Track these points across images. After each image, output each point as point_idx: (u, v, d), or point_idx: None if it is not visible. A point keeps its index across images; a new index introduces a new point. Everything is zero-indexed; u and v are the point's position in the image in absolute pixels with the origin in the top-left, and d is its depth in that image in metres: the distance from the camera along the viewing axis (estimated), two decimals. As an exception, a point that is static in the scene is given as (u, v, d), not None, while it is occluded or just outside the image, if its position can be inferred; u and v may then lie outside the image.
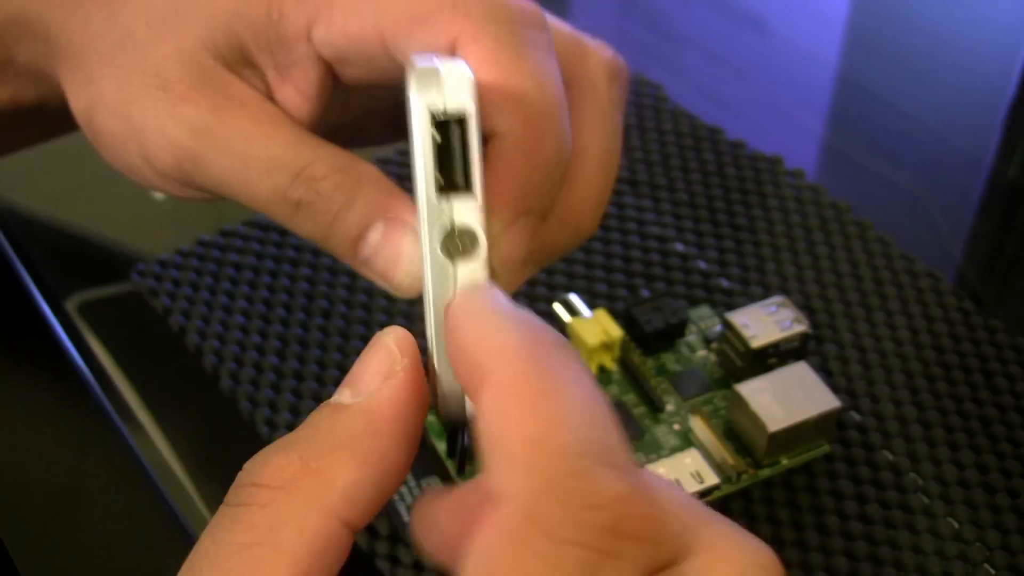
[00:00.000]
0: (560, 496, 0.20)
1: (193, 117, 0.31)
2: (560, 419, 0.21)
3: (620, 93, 0.34)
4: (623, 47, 0.36)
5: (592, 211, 0.33)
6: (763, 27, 0.59)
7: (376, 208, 0.30)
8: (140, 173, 0.33)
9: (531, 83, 0.28)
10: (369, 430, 0.24)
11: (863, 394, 0.40)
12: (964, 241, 0.48)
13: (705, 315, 0.42)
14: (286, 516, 0.22)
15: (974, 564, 0.35)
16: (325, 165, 0.30)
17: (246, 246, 0.44)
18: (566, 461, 0.20)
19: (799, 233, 0.46)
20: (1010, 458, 0.38)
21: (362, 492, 0.23)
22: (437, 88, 0.25)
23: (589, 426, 0.21)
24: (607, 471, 0.20)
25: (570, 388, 0.22)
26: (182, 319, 0.42)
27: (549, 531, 0.20)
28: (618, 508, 0.20)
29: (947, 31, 0.59)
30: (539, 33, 0.29)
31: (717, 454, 0.37)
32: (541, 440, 0.21)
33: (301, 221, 0.31)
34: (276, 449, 0.23)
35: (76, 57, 0.33)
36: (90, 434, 0.39)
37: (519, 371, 0.22)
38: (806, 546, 0.36)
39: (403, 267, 0.30)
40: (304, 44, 0.31)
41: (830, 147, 0.53)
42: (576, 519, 0.20)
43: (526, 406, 0.21)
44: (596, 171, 0.33)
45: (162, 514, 0.37)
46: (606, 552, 0.20)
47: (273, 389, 0.39)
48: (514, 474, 0.21)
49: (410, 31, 0.29)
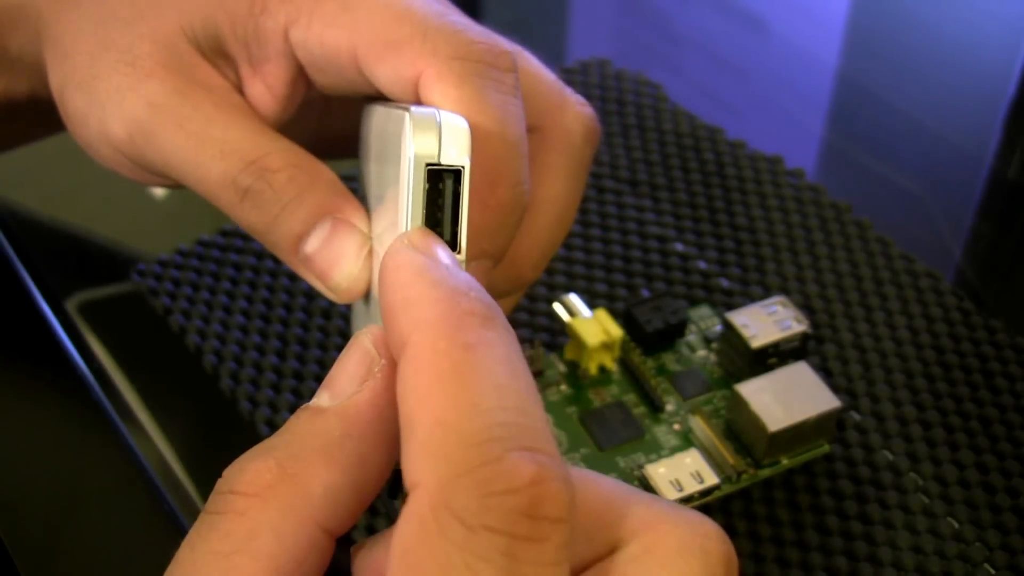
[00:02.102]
0: (471, 483, 0.19)
1: (153, 93, 0.31)
2: (473, 401, 0.20)
3: (591, 152, 0.34)
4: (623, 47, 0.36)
5: (537, 262, 0.33)
6: (763, 27, 0.59)
7: (324, 208, 0.30)
8: (96, 149, 0.33)
9: (491, 125, 0.28)
10: (346, 433, 0.23)
11: (863, 394, 0.40)
12: (964, 241, 0.48)
13: (705, 315, 0.42)
14: (263, 524, 0.22)
15: (974, 564, 0.35)
16: (281, 158, 0.30)
17: (246, 246, 0.44)
18: (477, 448, 0.20)
19: (799, 233, 0.46)
20: (1010, 458, 0.38)
21: (341, 497, 0.23)
22: (434, 139, 0.24)
23: (504, 408, 0.20)
24: (520, 455, 0.20)
25: (488, 366, 0.21)
26: (182, 319, 0.42)
27: (462, 519, 0.19)
28: (532, 491, 0.19)
29: (947, 31, 0.59)
30: (504, 75, 0.29)
31: (717, 454, 0.37)
32: (452, 424, 0.20)
33: (246, 210, 0.30)
34: (253, 455, 0.23)
35: (60, 36, 0.33)
36: (90, 434, 0.39)
37: (436, 347, 0.21)
38: (806, 546, 0.36)
39: (342, 269, 0.30)
40: (280, 41, 0.31)
41: (830, 147, 0.53)
42: (488, 505, 0.19)
43: (440, 386, 0.21)
44: (550, 223, 0.33)
45: (162, 514, 0.37)
46: (523, 536, 0.19)
47: (273, 389, 0.39)
48: (426, 461, 0.20)
49: (380, 55, 0.29)
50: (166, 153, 0.31)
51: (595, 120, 0.34)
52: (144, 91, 0.31)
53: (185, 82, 0.31)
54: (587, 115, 0.34)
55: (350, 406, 0.23)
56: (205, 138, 0.30)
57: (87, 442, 0.39)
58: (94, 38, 0.32)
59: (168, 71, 0.31)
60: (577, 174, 0.34)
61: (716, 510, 0.36)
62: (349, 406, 0.23)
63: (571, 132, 0.33)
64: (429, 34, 0.29)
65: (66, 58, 0.32)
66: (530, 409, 0.21)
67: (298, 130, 0.34)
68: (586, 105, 0.34)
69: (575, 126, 0.33)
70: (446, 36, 0.29)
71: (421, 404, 0.21)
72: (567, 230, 0.34)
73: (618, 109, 0.51)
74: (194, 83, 0.31)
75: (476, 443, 0.20)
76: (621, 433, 0.37)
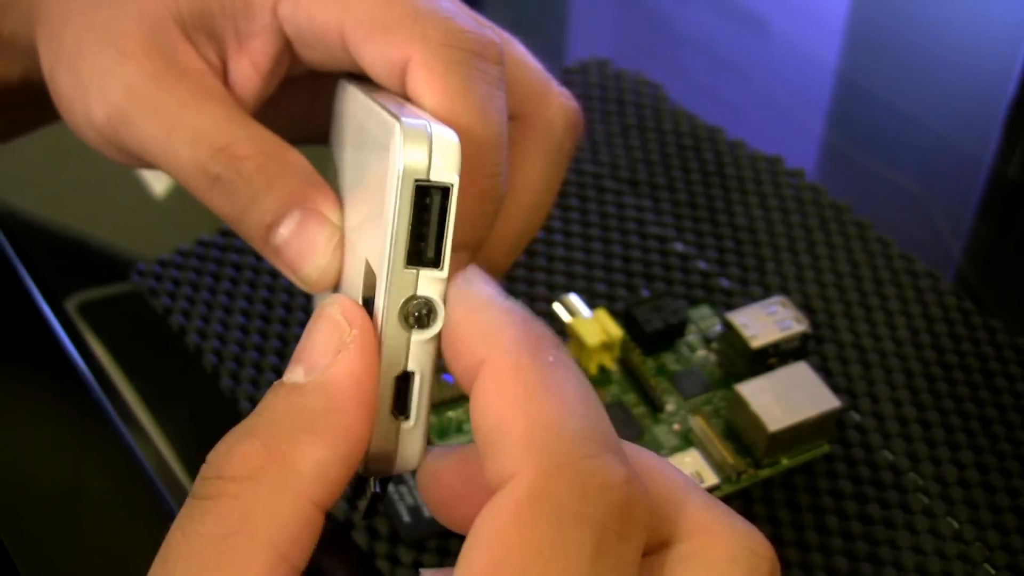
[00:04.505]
0: (571, 475, 0.20)
1: (131, 76, 0.31)
2: (564, 407, 0.21)
3: (572, 144, 0.34)
4: (623, 47, 0.36)
5: (509, 250, 0.33)
6: (763, 27, 0.59)
7: (295, 197, 0.30)
8: (84, 131, 0.33)
9: (474, 116, 0.28)
10: (328, 407, 0.23)
11: (863, 394, 0.40)
12: (964, 241, 0.48)
13: (705, 315, 0.42)
14: (257, 505, 0.22)
15: (974, 564, 0.35)
16: (250, 146, 0.30)
17: (246, 246, 0.44)
18: (575, 444, 0.21)
19: (799, 233, 0.46)
20: (1010, 458, 0.38)
21: (330, 471, 0.23)
22: (424, 154, 0.24)
23: (590, 416, 0.21)
24: (613, 456, 0.21)
25: (570, 381, 0.22)
26: (182, 319, 0.42)
27: (560, 508, 0.20)
28: (626, 488, 0.20)
29: (947, 31, 0.59)
30: (491, 66, 0.29)
31: (717, 454, 0.37)
32: (549, 424, 0.21)
33: (216, 197, 0.30)
34: (238, 437, 0.23)
35: (51, 16, 0.33)
36: (90, 434, 0.39)
37: (520, 363, 0.22)
38: (806, 546, 0.36)
39: (313, 260, 0.29)
40: (269, 15, 0.31)
41: (830, 147, 0.53)
42: (589, 497, 0.20)
43: (531, 396, 0.21)
44: (525, 210, 0.33)
45: (162, 514, 0.37)
46: (616, 532, 0.20)
47: (273, 389, 0.39)
48: (525, 454, 0.21)
49: (368, 35, 0.29)
50: (141, 138, 0.31)
51: (578, 113, 0.34)
52: (122, 74, 0.31)
53: (163, 65, 0.31)
54: (570, 106, 0.34)
55: (329, 379, 0.23)
56: (177, 124, 0.30)
57: (87, 442, 0.39)
58: (82, 17, 0.32)
59: (147, 53, 0.31)
60: (556, 164, 0.34)
61: (716, 510, 0.36)
62: (328, 379, 0.23)
63: (552, 122, 0.33)
64: (419, 19, 0.29)
65: (55, 38, 0.32)
66: (607, 420, 0.22)
67: (286, 113, 0.33)
68: (570, 97, 0.34)
69: (557, 116, 0.33)
70: (436, 22, 0.29)
71: (513, 412, 0.21)
72: (543, 219, 0.34)
73: (618, 109, 0.51)
74: (172, 66, 0.31)
75: (575, 439, 0.21)
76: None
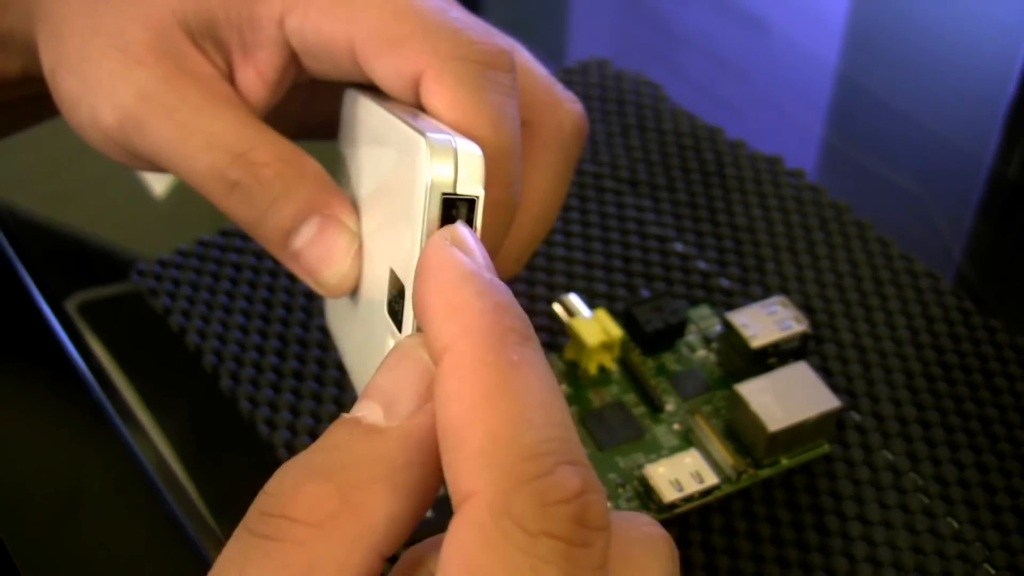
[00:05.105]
0: (529, 493, 0.20)
1: (142, 81, 0.31)
2: (524, 416, 0.21)
3: (579, 151, 0.34)
4: (623, 47, 0.36)
5: (518, 256, 0.33)
6: (763, 27, 0.59)
7: (314, 203, 0.30)
8: (89, 133, 0.33)
9: (488, 127, 0.28)
10: (410, 460, 0.22)
11: (863, 394, 0.40)
12: (964, 241, 0.48)
13: (705, 315, 0.42)
14: (327, 557, 0.21)
15: (974, 564, 0.35)
16: (269, 152, 0.30)
17: (246, 246, 0.44)
18: (532, 461, 0.21)
19: (799, 233, 0.46)
20: (1010, 458, 0.38)
21: (403, 526, 0.22)
22: (450, 168, 0.25)
23: (550, 424, 0.21)
24: (567, 468, 0.21)
25: (533, 383, 0.21)
26: (182, 319, 0.42)
27: (524, 525, 0.20)
28: (580, 500, 0.21)
29: (947, 31, 0.59)
30: (503, 76, 0.29)
31: (717, 454, 0.37)
32: (507, 438, 0.21)
33: (235, 203, 0.30)
34: (307, 476, 0.22)
35: (52, 16, 0.33)
36: (90, 434, 0.39)
37: (483, 359, 0.21)
38: (806, 546, 0.36)
39: (333, 266, 0.30)
40: (275, 27, 0.31)
41: (830, 147, 0.53)
42: (547, 513, 0.20)
43: (490, 401, 0.21)
44: (535, 217, 0.33)
45: (162, 514, 0.37)
46: (577, 542, 0.20)
47: (273, 389, 0.39)
48: (484, 472, 0.20)
49: (379, 50, 0.29)
50: (155, 142, 0.31)
51: (584, 118, 0.34)
52: (134, 78, 0.31)
53: (174, 70, 0.31)
54: (577, 112, 0.34)
55: (412, 429, 0.22)
56: (193, 129, 0.30)
57: (87, 442, 0.39)
58: (86, 19, 0.32)
59: (157, 58, 0.31)
60: (564, 170, 0.34)
61: (716, 510, 0.36)
62: (411, 429, 0.22)
63: (561, 128, 0.33)
64: (430, 32, 0.29)
65: (58, 39, 0.32)
66: (569, 424, 0.22)
67: (284, 113, 0.33)
68: (577, 102, 0.34)
69: (565, 122, 0.34)
70: (446, 35, 0.29)
71: (471, 415, 0.21)
72: (551, 225, 0.34)
73: (618, 109, 0.51)
74: (183, 71, 0.31)
75: (531, 456, 0.21)
76: (621, 433, 0.38)
